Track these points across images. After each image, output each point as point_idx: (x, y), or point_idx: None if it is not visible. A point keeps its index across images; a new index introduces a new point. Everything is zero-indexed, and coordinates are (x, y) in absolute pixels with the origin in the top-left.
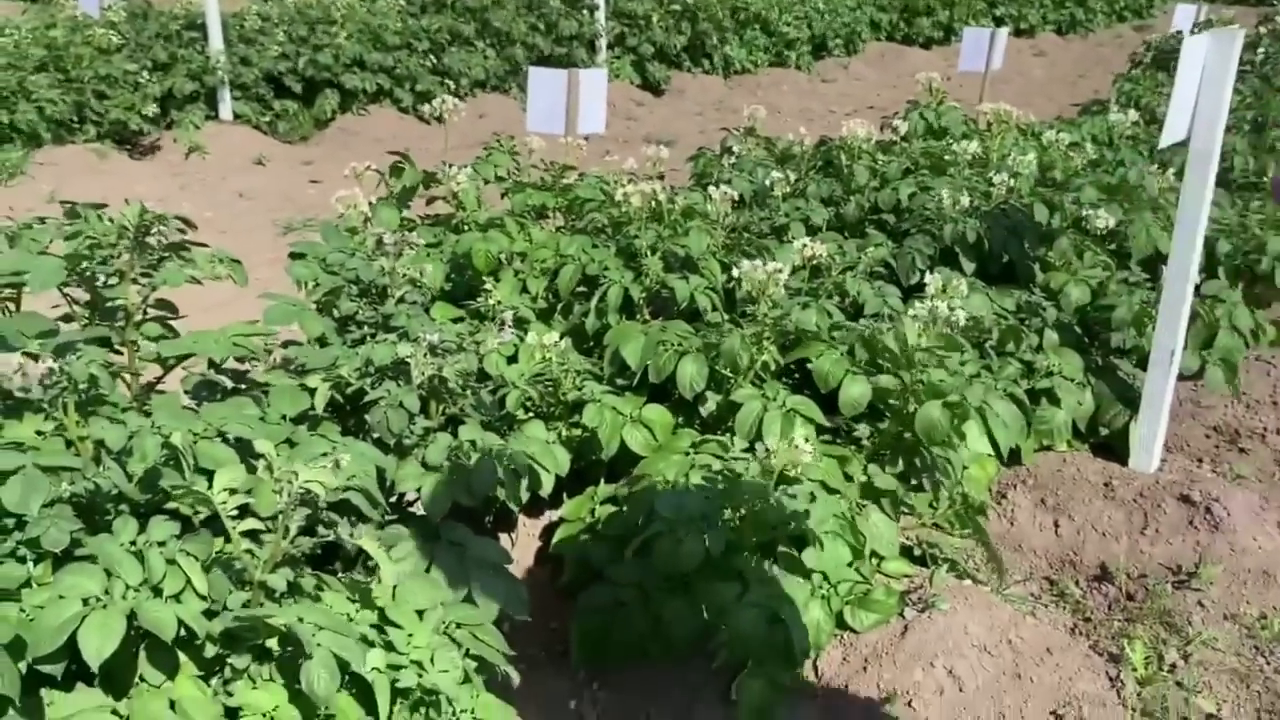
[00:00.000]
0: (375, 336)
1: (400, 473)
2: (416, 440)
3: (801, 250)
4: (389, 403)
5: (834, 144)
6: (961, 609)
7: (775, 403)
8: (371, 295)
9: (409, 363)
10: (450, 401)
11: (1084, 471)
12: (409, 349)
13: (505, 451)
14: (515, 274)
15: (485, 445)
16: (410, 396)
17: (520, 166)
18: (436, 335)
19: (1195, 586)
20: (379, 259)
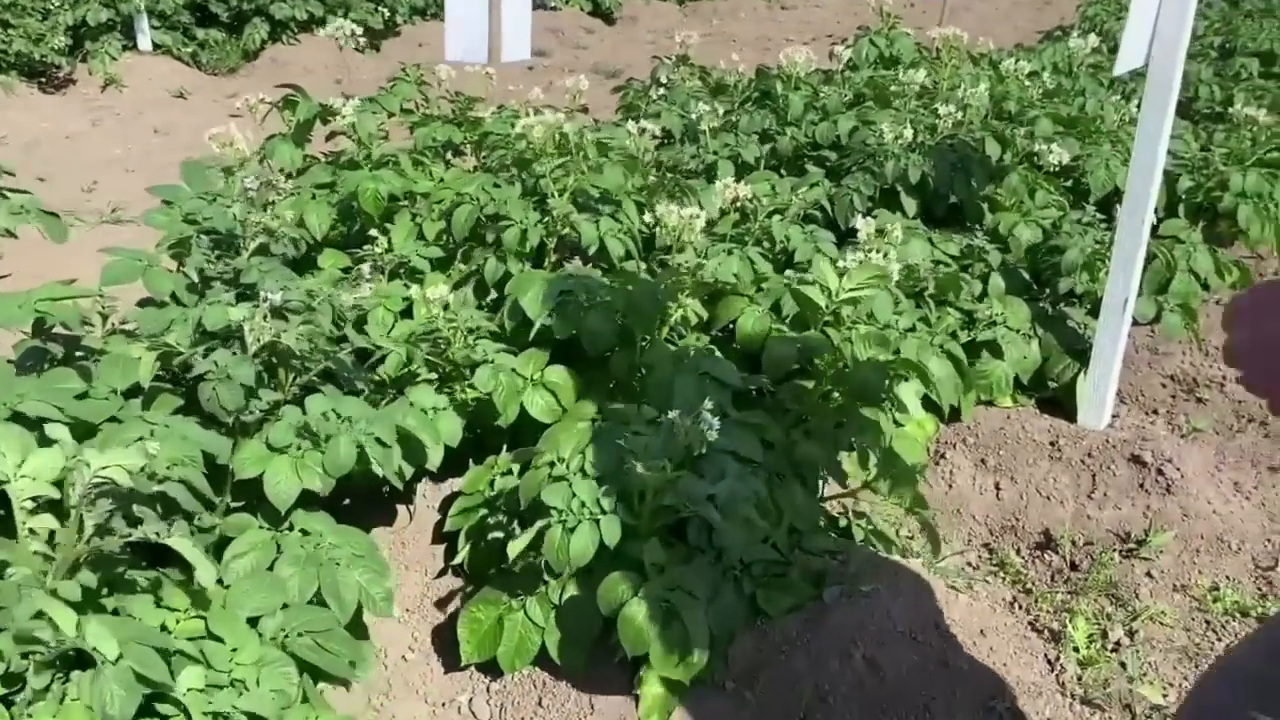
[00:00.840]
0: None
1: (240, 456)
2: (261, 417)
3: (723, 191)
4: (217, 376)
5: (772, 74)
6: (887, 589)
7: (687, 365)
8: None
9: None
10: (302, 370)
11: (1029, 429)
12: (242, 311)
13: (370, 426)
14: (412, 217)
15: (344, 419)
16: (244, 367)
17: (429, 99)
18: (279, 295)
19: (1144, 555)
20: (234, 205)
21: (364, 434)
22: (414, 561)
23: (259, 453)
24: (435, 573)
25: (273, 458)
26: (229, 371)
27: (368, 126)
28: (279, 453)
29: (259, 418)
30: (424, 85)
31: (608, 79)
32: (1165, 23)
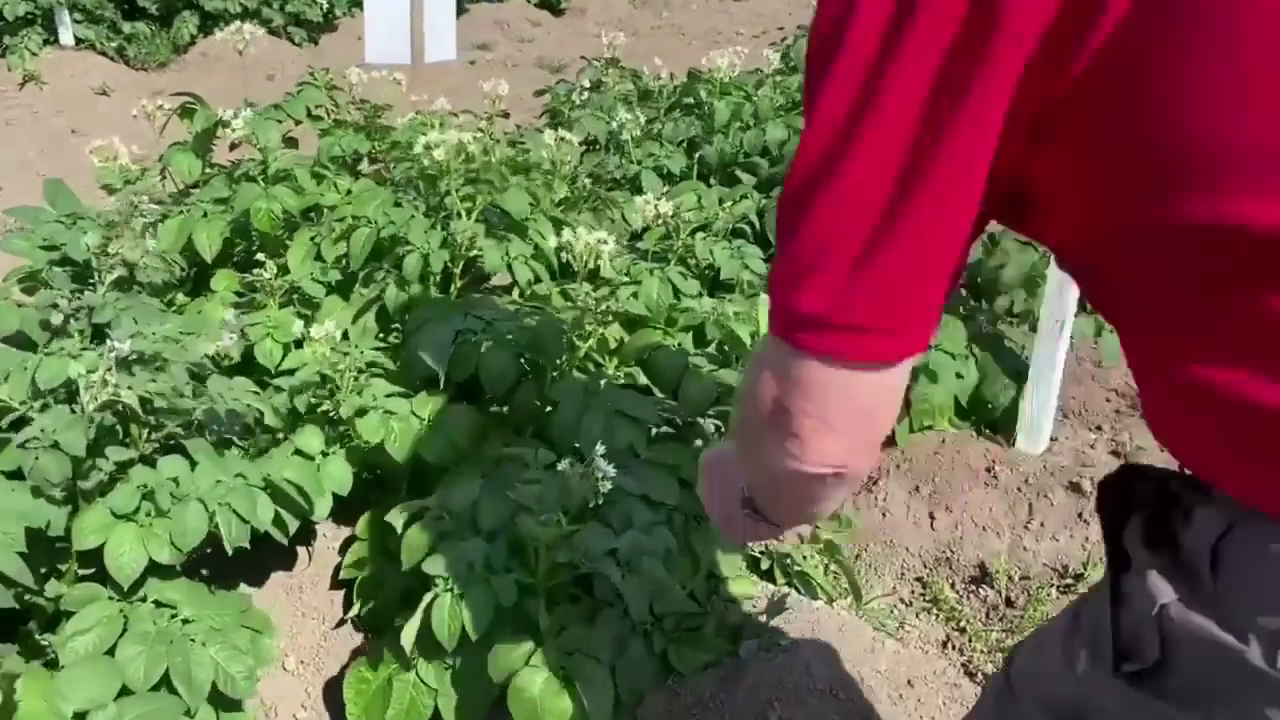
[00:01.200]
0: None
1: (80, 523)
2: (107, 479)
3: (644, 208)
4: (42, 443)
5: (699, 77)
6: (808, 641)
7: (597, 401)
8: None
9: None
10: (156, 425)
11: (964, 454)
12: (82, 365)
13: (226, 492)
14: (312, 237)
15: (200, 479)
16: (75, 433)
17: (339, 105)
18: (129, 343)
19: (1081, 590)
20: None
21: (218, 501)
22: (312, 609)
23: (101, 520)
24: (335, 621)
25: (116, 526)
26: (57, 438)
27: (268, 137)
28: (123, 520)
29: (102, 481)
30: (334, 90)
31: (552, 74)
32: None
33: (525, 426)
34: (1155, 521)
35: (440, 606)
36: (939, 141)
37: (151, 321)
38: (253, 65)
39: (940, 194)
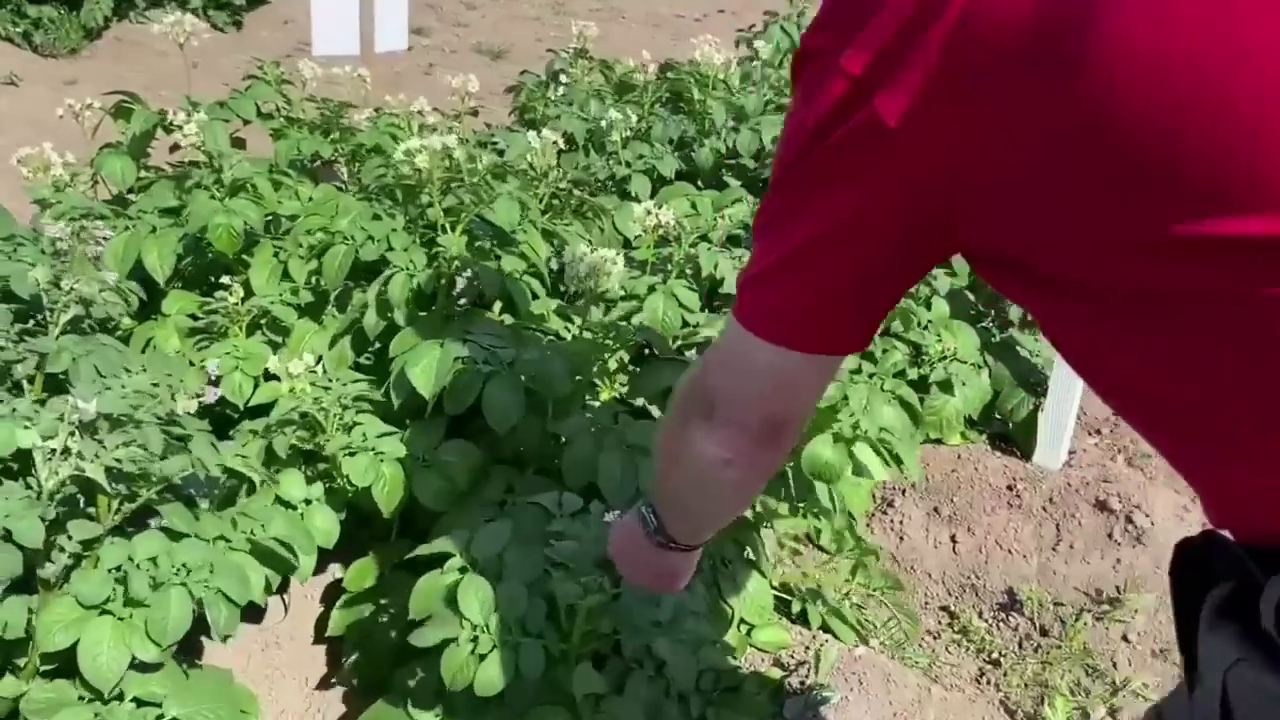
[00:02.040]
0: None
1: (45, 618)
2: (72, 561)
3: (645, 218)
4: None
5: (682, 70)
6: (855, 695)
7: (611, 438)
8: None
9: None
10: (128, 496)
11: (983, 471)
12: (34, 434)
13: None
14: (275, 253)
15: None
16: (28, 522)
17: (291, 101)
18: (94, 403)
19: (1119, 617)
20: (38, 264)
21: (204, 584)
22: (291, 666)
23: (70, 614)
24: (317, 681)
25: (89, 620)
26: (8, 526)
27: (219, 142)
28: (96, 612)
29: (66, 565)
30: (285, 84)
31: (492, 60)
32: None
33: (527, 464)
34: (1231, 594)
35: (455, 654)
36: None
37: (114, 369)
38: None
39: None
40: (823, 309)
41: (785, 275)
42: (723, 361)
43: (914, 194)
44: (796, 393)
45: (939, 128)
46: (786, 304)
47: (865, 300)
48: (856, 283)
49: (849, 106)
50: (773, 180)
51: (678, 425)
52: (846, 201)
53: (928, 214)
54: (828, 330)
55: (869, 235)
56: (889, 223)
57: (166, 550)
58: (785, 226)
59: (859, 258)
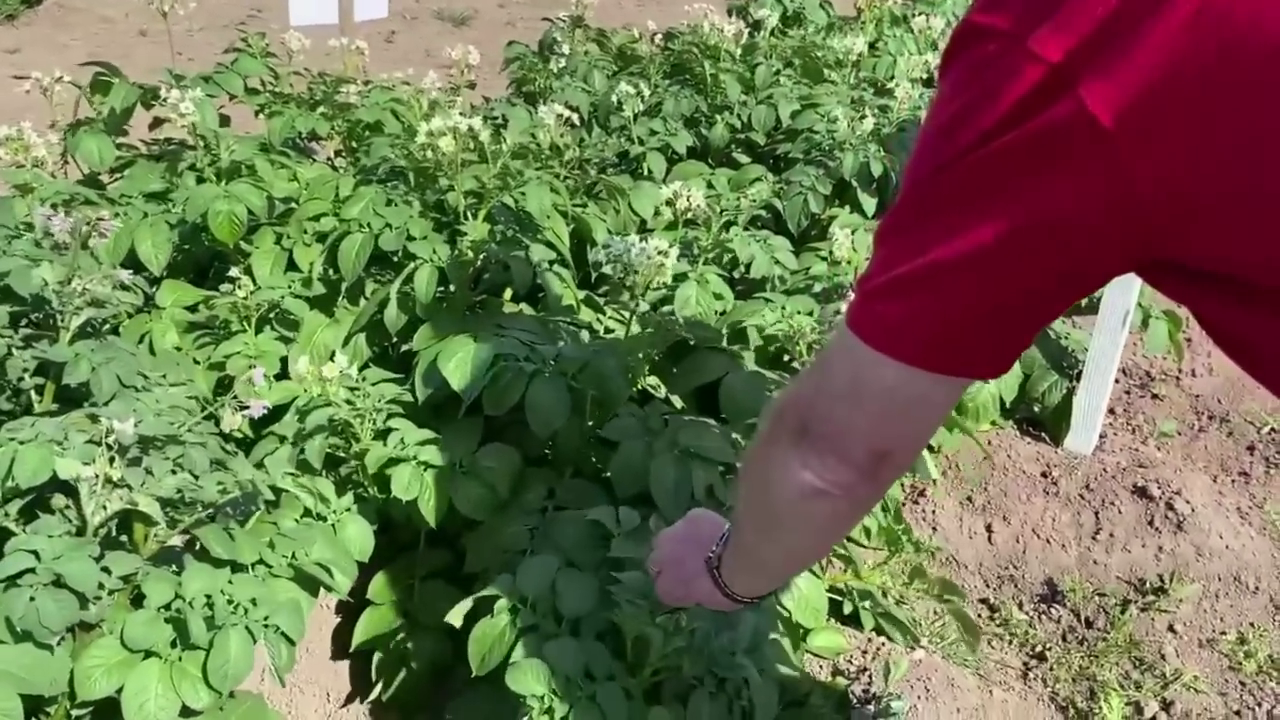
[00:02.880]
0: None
1: (85, 663)
2: (109, 600)
3: (673, 199)
4: (39, 579)
5: (686, 40)
6: (924, 704)
7: (662, 441)
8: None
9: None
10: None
11: (1015, 458)
12: (75, 462)
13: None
14: (277, 239)
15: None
16: (81, 563)
17: (278, 75)
18: (132, 423)
19: (1164, 607)
20: (43, 263)
21: (263, 621)
22: (309, 683)
23: (113, 657)
24: (341, 698)
25: (134, 664)
26: (57, 570)
27: (208, 120)
28: (141, 656)
29: (110, 603)
30: (271, 57)
31: (455, 27)
32: None
33: (565, 468)
34: None
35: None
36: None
37: (133, 377)
38: (121, 19)
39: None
40: (970, 327)
41: (931, 289)
42: (830, 379)
43: (1125, 203)
44: (915, 419)
45: (1170, 131)
46: (929, 323)
47: (1023, 319)
48: (1021, 299)
49: (1044, 98)
50: (917, 177)
51: (766, 450)
52: (1034, 207)
53: (1134, 226)
54: (968, 350)
55: (1055, 246)
56: (1084, 233)
57: (218, 585)
58: (934, 232)
59: (1034, 271)
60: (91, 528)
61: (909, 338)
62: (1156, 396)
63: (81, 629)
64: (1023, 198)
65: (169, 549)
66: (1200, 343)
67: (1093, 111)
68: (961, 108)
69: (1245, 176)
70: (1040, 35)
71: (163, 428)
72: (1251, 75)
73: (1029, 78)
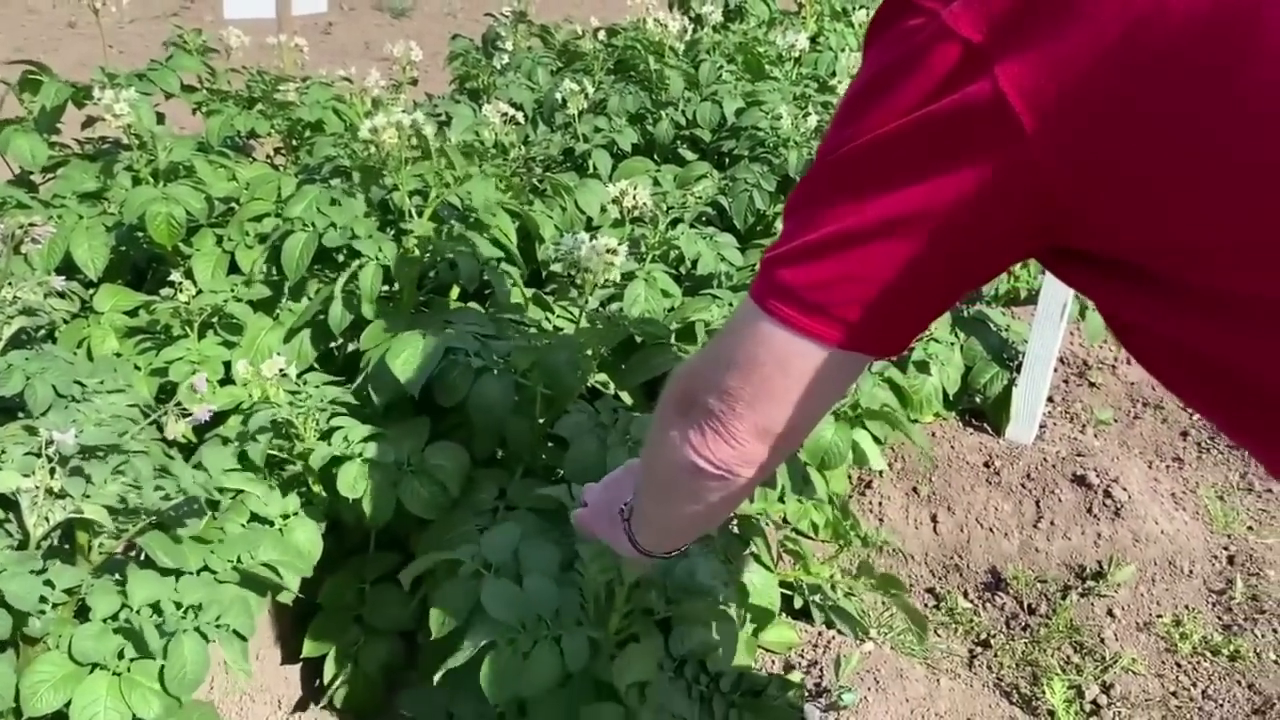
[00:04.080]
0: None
1: (31, 678)
2: (53, 614)
3: (619, 199)
4: None
5: (630, 36)
6: (871, 693)
7: (615, 434)
8: None
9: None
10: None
11: (959, 449)
12: (13, 477)
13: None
14: (218, 240)
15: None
16: (23, 580)
17: (215, 72)
18: (72, 433)
19: (1103, 591)
20: None
21: (215, 623)
22: (260, 690)
23: (60, 670)
24: (292, 705)
25: (80, 677)
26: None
27: (146, 122)
28: (88, 669)
29: (53, 618)
30: (209, 52)
31: (394, 19)
32: None
33: (516, 467)
34: None
35: (497, 660)
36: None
37: (70, 387)
38: (46, 9)
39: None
40: (875, 301)
41: (835, 258)
42: (721, 349)
43: (1032, 186)
44: (813, 397)
45: (1082, 115)
46: (830, 291)
47: (926, 297)
48: (923, 277)
49: (960, 77)
50: (830, 150)
51: (661, 425)
52: (943, 184)
53: (1041, 208)
54: (874, 326)
55: (958, 225)
56: (989, 214)
57: (165, 592)
58: (841, 204)
59: (937, 251)
60: (34, 540)
61: (807, 305)
62: (1093, 385)
63: (25, 643)
64: (931, 174)
65: (113, 558)
66: None
67: (1005, 92)
68: (880, 81)
69: (1157, 160)
70: (961, 13)
71: (104, 436)
72: (1159, 59)
73: (948, 55)
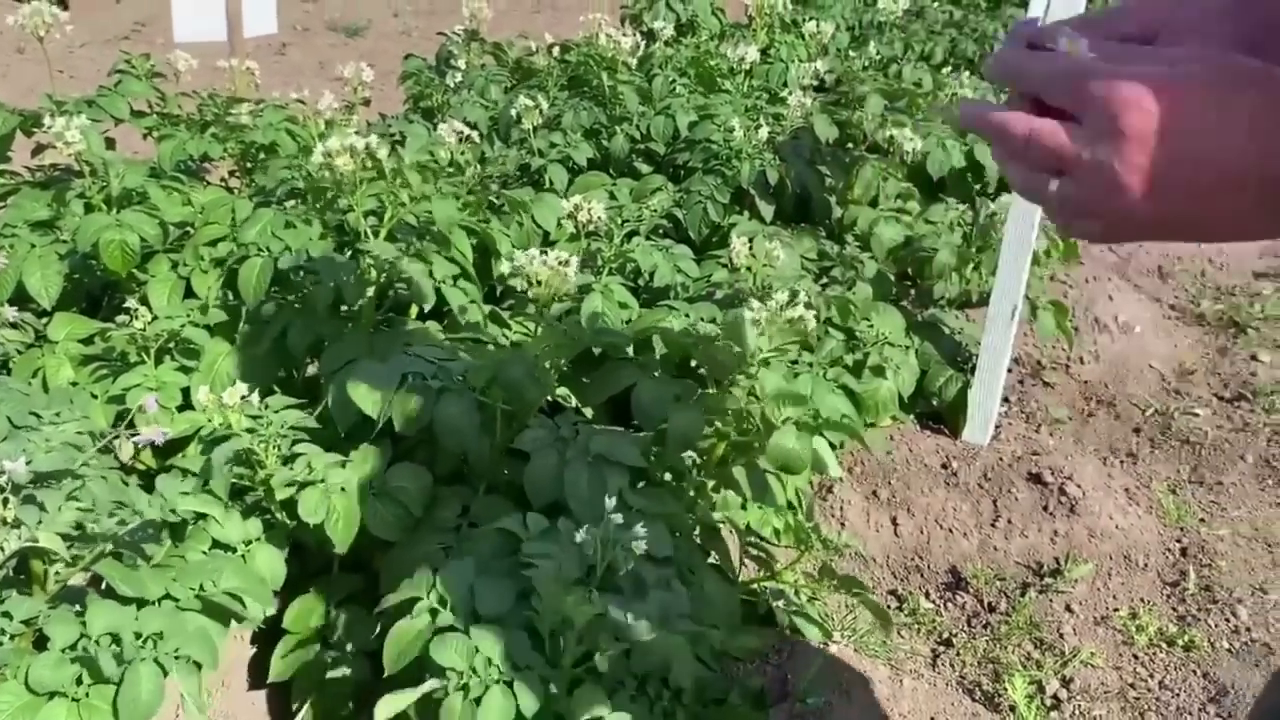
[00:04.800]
0: None
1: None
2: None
3: (575, 213)
4: None
5: (582, 52)
6: (835, 696)
7: (575, 449)
8: None
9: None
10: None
11: (917, 451)
12: None
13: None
14: (173, 266)
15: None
16: None
17: (166, 97)
18: (22, 462)
19: (1061, 588)
20: None
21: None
22: (226, 717)
23: (17, 700)
24: None
25: (39, 705)
26: None
27: (95, 146)
28: (49, 697)
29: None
30: (157, 77)
31: (348, 38)
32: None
33: (479, 484)
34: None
35: (450, 706)
36: None
37: (26, 418)
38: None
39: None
40: None
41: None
42: None
43: None
44: None
45: None
46: None
47: None
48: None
49: None
50: None
51: None
52: None
53: None
54: None
55: None
56: None
57: (125, 621)
58: None
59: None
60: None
61: None
62: (1048, 384)
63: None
64: None
65: (71, 588)
66: (1086, 331)
67: None
68: None
69: None
70: None
71: (56, 463)
72: None
73: None
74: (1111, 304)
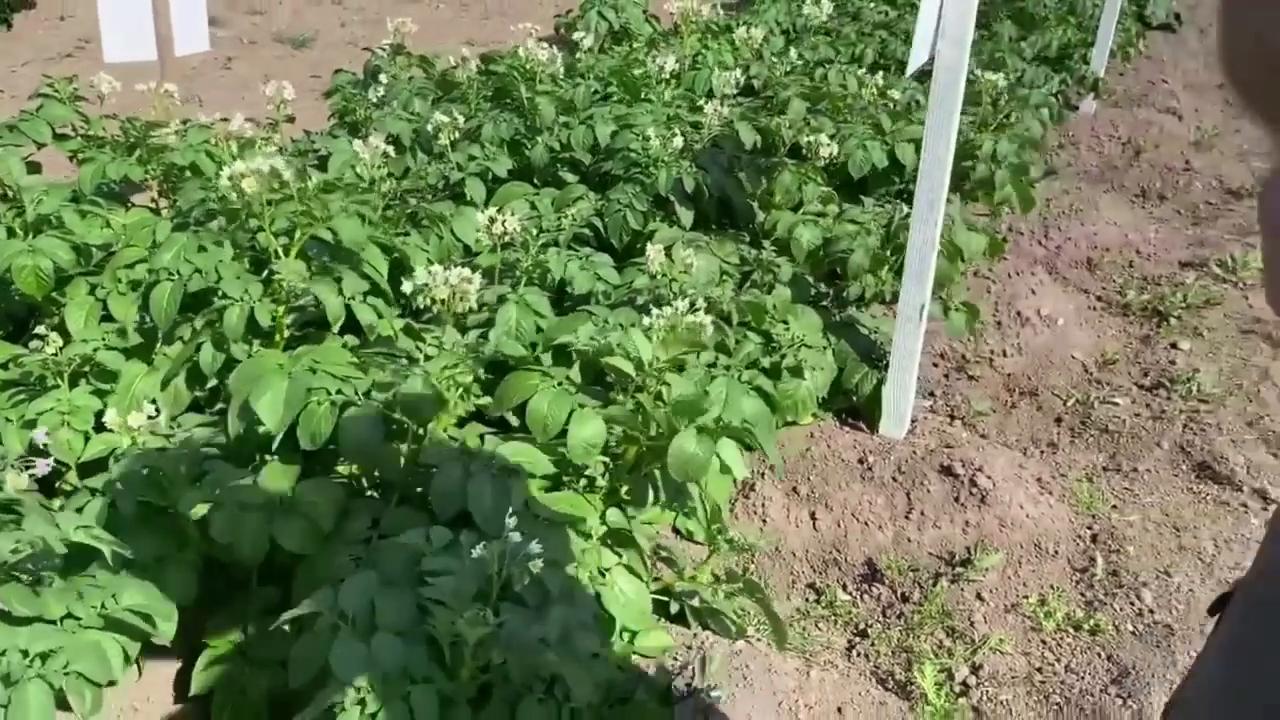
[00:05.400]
0: None
1: None
2: None
3: (489, 225)
4: None
5: (506, 64)
6: (740, 690)
7: (479, 462)
8: None
9: None
10: None
11: (835, 447)
12: None
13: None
14: (91, 289)
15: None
16: None
17: (89, 120)
18: None
19: (972, 577)
20: None
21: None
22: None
23: None
24: None
25: None
26: None
27: (12, 170)
28: None
29: None
30: (80, 101)
31: (295, 50)
32: (951, 20)
33: (390, 493)
34: None
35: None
36: None
37: None
38: None
39: None
40: None
41: None
42: None
43: None
44: None
45: None
46: None
47: None
48: None
49: None
50: None
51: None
52: None
53: None
54: None
55: None
56: None
57: (14, 641)
58: None
59: None
60: None
61: None
62: (973, 378)
63: None
64: None
65: None
66: (1010, 325)
67: None
68: None
69: None
70: None
71: None
72: None
73: None
74: (1035, 297)
